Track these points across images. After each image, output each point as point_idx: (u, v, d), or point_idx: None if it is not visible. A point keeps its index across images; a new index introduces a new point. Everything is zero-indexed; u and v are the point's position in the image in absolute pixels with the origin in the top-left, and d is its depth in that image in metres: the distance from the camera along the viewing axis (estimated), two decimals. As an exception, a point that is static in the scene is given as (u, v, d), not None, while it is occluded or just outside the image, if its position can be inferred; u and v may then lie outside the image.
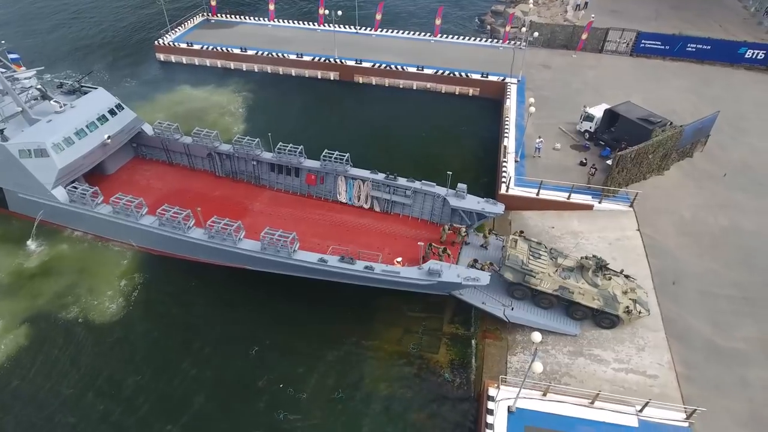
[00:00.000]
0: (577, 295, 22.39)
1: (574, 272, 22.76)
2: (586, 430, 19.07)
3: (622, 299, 22.14)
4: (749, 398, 20.12)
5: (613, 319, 22.51)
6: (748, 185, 30.73)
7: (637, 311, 22.18)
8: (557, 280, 22.52)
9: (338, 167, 28.01)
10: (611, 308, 22.12)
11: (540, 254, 23.19)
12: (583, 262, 22.68)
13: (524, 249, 23.38)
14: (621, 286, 22.54)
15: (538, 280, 22.63)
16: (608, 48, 45.18)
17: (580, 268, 22.81)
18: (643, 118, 31.36)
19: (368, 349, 23.95)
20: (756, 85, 41.33)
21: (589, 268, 22.49)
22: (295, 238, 23.14)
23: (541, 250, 23.51)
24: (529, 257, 22.99)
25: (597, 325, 22.93)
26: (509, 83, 40.55)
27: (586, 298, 22.33)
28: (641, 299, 22.71)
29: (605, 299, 22.14)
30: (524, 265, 22.74)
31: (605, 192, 29.03)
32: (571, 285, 22.40)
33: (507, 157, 32.47)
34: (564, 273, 22.65)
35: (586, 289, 22.31)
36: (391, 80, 43.54)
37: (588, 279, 22.50)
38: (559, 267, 22.82)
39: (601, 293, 22.18)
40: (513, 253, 23.15)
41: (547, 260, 23.07)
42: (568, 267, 22.86)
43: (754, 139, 34.85)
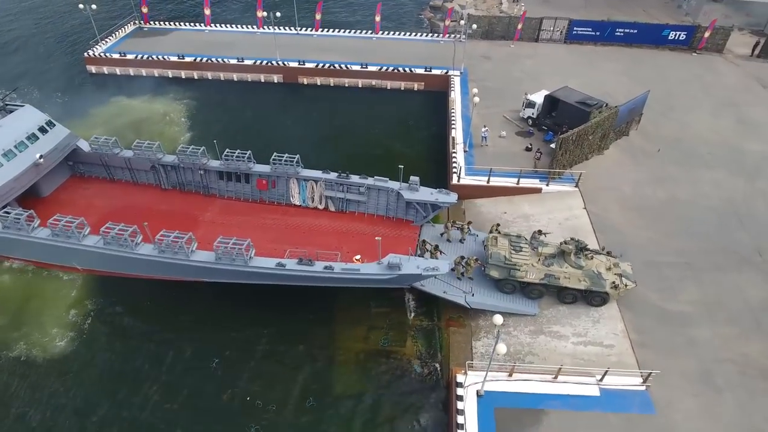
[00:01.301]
0: (563, 280, 22.93)
1: (556, 258, 23.22)
2: (553, 404, 19.72)
3: (608, 276, 22.86)
4: (697, 356, 21.40)
5: (603, 296, 23.16)
6: (680, 158, 32.66)
7: (623, 285, 22.95)
8: (542, 269, 23.00)
9: (289, 170, 27.63)
10: (598, 286, 22.75)
11: (521, 247, 23.57)
12: (564, 247, 23.17)
13: (505, 245, 23.76)
14: (604, 263, 23.23)
15: (524, 272, 23.04)
16: (543, 37, 46.83)
17: (562, 254, 23.28)
18: (581, 102, 32.69)
19: (335, 350, 23.77)
20: (680, 64, 43.98)
21: (570, 252, 23.00)
22: (250, 245, 22.63)
23: (521, 242, 23.87)
24: (510, 252, 23.36)
25: (588, 304, 23.48)
26: (452, 76, 41.31)
27: (573, 281, 22.88)
28: (626, 272, 23.50)
29: (591, 279, 22.77)
30: (507, 261, 23.12)
31: (551, 174, 30.09)
32: (555, 271, 22.92)
33: (456, 147, 33.06)
34: (547, 261, 23.13)
35: (571, 273, 22.88)
36: (336, 79, 43.38)
37: (571, 262, 23.03)
38: (541, 256, 23.30)
39: (586, 274, 22.79)
40: (495, 250, 23.52)
41: (529, 251, 23.47)
42: (550, 254, 23.32)
43: (682, 114, 37.09)
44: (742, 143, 34.30)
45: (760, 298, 23.77)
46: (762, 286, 24.39)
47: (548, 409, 19.56)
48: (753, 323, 22.71)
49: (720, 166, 32.12)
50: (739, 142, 34.44)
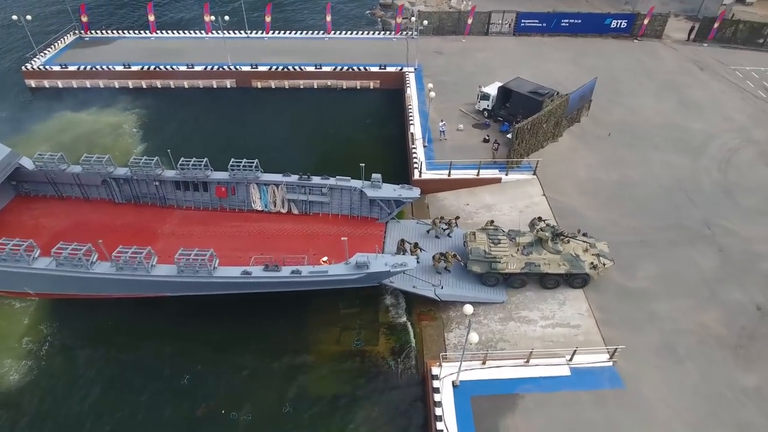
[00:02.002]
0: (543, 267, 23.31)
1: (534, 246, 23.58)
2: (526, 388, 20.12)
3: (585, 257, 23.42)
4: (659, 329, 22.31)
5: (584, 278, 23.70)
6: (629, 141, 33.99)
7: (602, 264, 23.54)
8: (522, 259, 23.32)
9: (248, 175, 27.10)
10: (578, 268, 23.27)
11: (499, 239, 23.83)
12: (540, 235, 23.55)
13: (483, 239, 23.99)
14: (581, 245, 23.79)
15: (504, 264, 23.29)
16: (493, 30, 47.76)
17: (539, 241, 23.64)
18: (533, 91, 33.49)
19: (308, 354, 23.48)
20: (623, 51, 45.79)
21: (547, 238, 23.40)
22: (213, 254, 22.06)
23: (499, 235, 24.14)
24: (489, 245, 23.60)
25: (571, 286, 24.02)
26: (407, 72, 41.54)
27: (553, 267, 23.31)
28: (603, 251, 24.08)
29: (570, 262, 23.27)
30: (487, 254, 23.34)
31: (510, 164, 30.71)
32: (535, 259, 23.28)
33: (415, 143, 33.28)
34: (526, 250, 23.45)
35: (550, 259, 23.28)
36: (291, 81, 42.86)
37: (549, 248, 23.42)
38: (519, 246, 23.61)
39: (565, 258, 23.27)
40: (474, 246, 23.71)
41: (507, 243, 23.76)
42: (528, 243, 23.66)
43: (628, 99, 38.61)
44: (685, 123, 36.03)
45: (712, 269, 25.01)
46: (713, 257, 25.67)
47: (522, 393, 19.95)
48: (708, 293, 23.86)
49: (666, 146, 33.62)
50: (682, 122, 36.16)
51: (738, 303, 23.42)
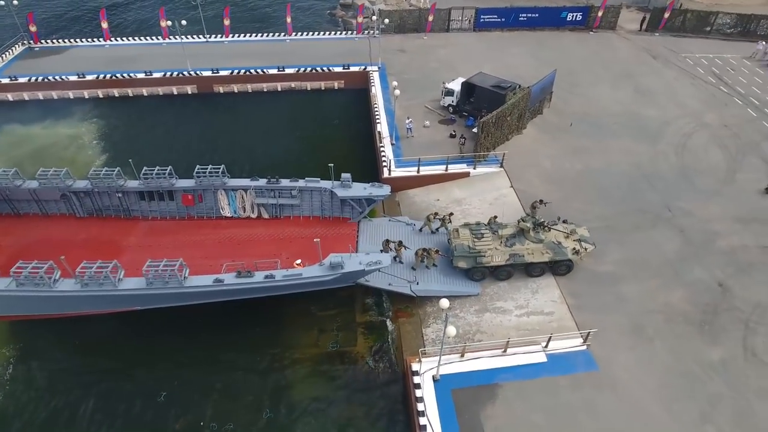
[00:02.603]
0: (527, 257, 23.71)
1: (517, 237, 23.94)
2: (505, 377, 20.44)
3: (567, 243, 23.92)
4: (628, 311, 23.00)
5: (567, 264, 24.20)
6: (590, 130, 34.94)
7: (584, 249, 24.07)
8: (506, 251, 23.65)
9: (215, 181, 26.57)
10: (561, 255, 23.75)
11: (482, 234, 24.09)
12: (522, 225, 23.94)
13: (467, 234, 24.20)
14: (562, 232, 24.28)
15: (489, 257, 23.55)
16: (453, 26, 48.31)
17: (521, 232, 24.03)
18: (495, 85, 34.03)
19: (286, 359, 23.22)
20: (579, 43, 47.07)
21: (528, 228, 23.81)
22: (183, 264, 21.51)
23: (482, 229, 24.40)
24: (473, 240, 23.81)
25: (555, 273, 24.46)
26: (371, 71, 41.57)
27: (536, 256, 23.73)
28: (584, 236, 24.59)
29: (553, 250, 23.73)
30: (472, 249, 23.53)
31: (477, 158, 31.13)
32: (519, 250, 23.65)
33: (383, 141, 33.34)
34: (509, 242, 23.79)
35: (533, 248, 23.69)
36: (254, 85, 42.25)
37: (531, 238, 23.83)
38: (502, 238, 23.92)
39: (547, 246, 23.71)
40: (458, 242, 23.90)
41: (491, 236, 24.05)
42: (510, 235, 24.02)
43: (587, 89, 39.71)
44: (642, 111, 37.31)
45: (674, 250, 25.96)
46: (674, 238, 26.65)
47: (501, 382, 20.25)
48: (672, 274, 24.76)
49: (625, 134, 34.72)
50: (638, 110, 37.43)
51: (701, 281, 24.39)
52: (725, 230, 27.17)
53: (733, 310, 23.03)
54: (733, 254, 25.81)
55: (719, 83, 41.45)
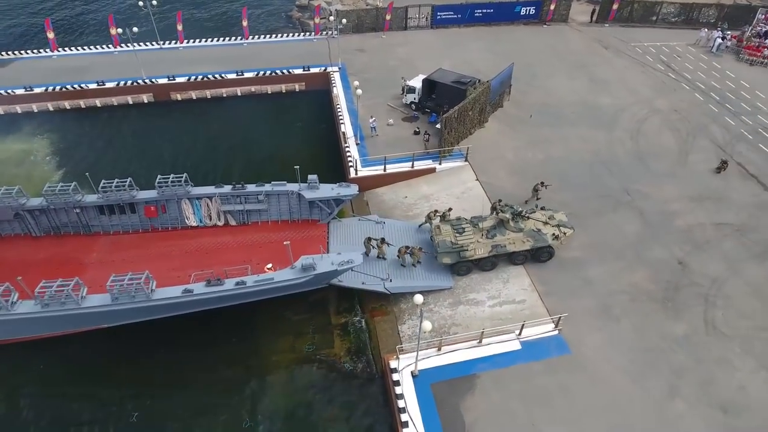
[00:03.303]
0: (510, 246, 24.07)
1: (497, 228, 24.31)
2: (482, 367, 20.76)
3: (547, 230, 24.38)
4: (595, 294, 23.73)
5: (549, 251, 24.65)
6: (549, 120, 35.83)
7: (563, 233, 24.56)
8: (488, 243, 23.95)
9: (178, 190, 25.94)
10: (542, 242, 24.18)
11: (463, 228, 24.30)
12: (501, 216, 24.36)
13: (448, 230, 24.37)
14: (541, 219, 24.74)
15: (472, 251, 23.77)
16: (411, 24, 48.60)
17: (501, 222, 24.43)
18: (456, 81, 34.45)
19: (263, 367, 22.89)
20: (534, 36, 48.16)
21: (508, 219, 24.22)
22: (149, 277, 20.93)
23: (462, 224, 24.64)
24: (455, 235, 23.98)
25: (537, 260, 24.90)
26: (331, 72, 41.39)
27: (518, 244, 24.11)
28: (562, 221, 25.08)
29: (533, 237, 24.15)
30: (455, 244, 23.68)
31: (442, 153, 31.47)
32: (500, 240, 24.01)
33: (348, 141, 33.28)
34: (490, 233, 24.12)
35: (514, 238, 24.06)
36: (213, 91, 41.40)
37: (511, 228, 24.21)
38: (483, 231, 24.21)
39: (527, 234, 24.13)
40: (440, 239, 24.04)
41: (471, 230, 24.28)
42: (491, 227, 24.38)
43: (544, 81, 40.67)
44: (597, 99, 38.52)
45: (635, 232, 26.92)
46: (634, 221, 27.64)
47: (479, 373, 20.55)
48: (634, 255, 25.67)
49: (582, 122, 35.77)
50: (593, 99, 38.62)
51: (661, 260, 25.39)
52: (681, 210, 28.38)
53: (692, 286, 24.09)
54: (689, 232, 26.98)
55: (667, 70, 43.21)
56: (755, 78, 42.30)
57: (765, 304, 23.23)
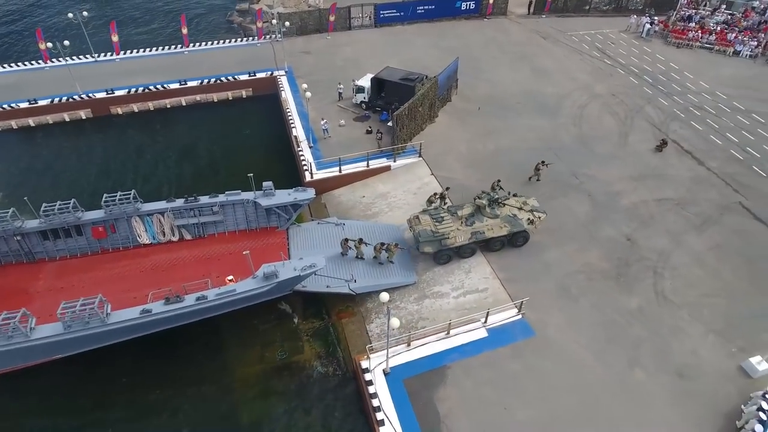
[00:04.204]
0: (488, 232, 24.58)
1: (475, 215, 24.73)
2: (452, 358, 21.11)
3: (522, 215, 25.05)
4: (553, 276, 24.59)
5: (524, 235, 25.40)
6: (497, 111, 36.76)
7: (537, 217, 25.28)
8: (467, 230, 24.37)
9: (127, 208, 24.92)
10: (518, 227, 24.83)
11: (442, 217, 24.65)
12: (478, 203, 24.82)
13: (427, 220, 24.64)
14: (515, 205, 25.36)
15: (453, 238, 24.17)
16: (355, 24, 48.60)
17: (478, 209, 24.86)
18: (404, 78, 34.77)
19: (233, 381, 22.37)
20: (475, 30, 49.23)
21: (485, 205, 24.69)
22: (103, 300, 20.03)
23: (441, 212, 25.01)
24: (434, 224, 24.28)
25: (513, 245, 25.54)
26: (278, 76, 40.84)
27: (496, 230, 24.67)
28: (535, 206, 25.80)
29: (510, 222, 24.73)
30: (436, 233, 23.94)
31: (395, 150, 31.72)
32: (479, 227, 24.47)
33: (300, 145, 32.96)
34: (469, 221, 24.52)
35: (492, 224, 24.59)
36: (156, 102, 39.94)
37: (488, 214, 24.72)
38: (462, 218, 24.58)
39: (504, 220, 24.71)
40: (421, 228, 24.25)
41: (450, 218, 24.64)
42: (469, 214, 24.78)
43: (489, 73, 41.67)
44: (540, 88, 39.83)
45: (586, 213, 28.05)
46: (584, 202, 28.80)
47: (449, 364, 20.89)
48: (587, 236, 26.76)
49: (528, 112, 36.91)
50: (537, 88, 39.91)
51: (611, 238, 26.59)
52: (625, 189, 29.81)
53: (642, 261, 25.37)
54: (635, 210, 28.39)
55: (603, 56, 45.21)
56: (683, 59, 44.95)
57: (707, 272, 24.79)
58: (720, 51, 46.40)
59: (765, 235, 26.96)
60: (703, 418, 19.08)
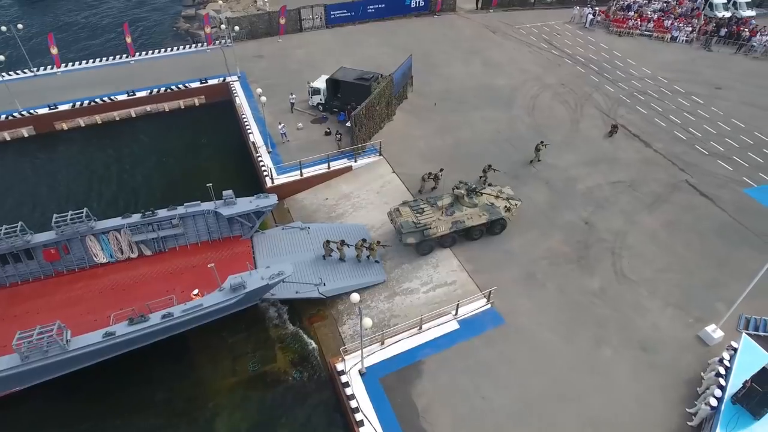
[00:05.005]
0: (468, 221, 24.96)
1: (455, 205, 25.07)
2: (426, 352, 21.29)
3: (499, 203, 25.64)
4: (518, 263, 25.19)
5: (502, 223, 25.93)
6: (453, 106, 37.30)
7: (514, 205, 25.94)
8: (448, 220, 24.68)
9: (80, 227, 23.86)
10: (496, 215, 25.37)
11: (423, 208, 24.95)
12: (456, 193, 25.17)
13: (408, 211, 24.87)
14: (492, 194, 25.93)
15: (434, 228, 24.43)
16: (306, 26, 48.21)
17: (457, 199, 25.19)
18: (359, 78, 34.75)
19: (207, 397, 21.74)
20: (427, 27, 49.81)
21: (463, 195, 25.07)
22: (61, 326, 19.14)
23: (420, 204, 25.31)
24: (416, 216, 24.49)
25: (492, 233, 26.10)
26: (231, 82, 40.04)
27: (475, 219, 25.10)
28: (510, 194, 26.54)
29: (488, 211, 25.21)
30: (418, 224, 24.15)
31: (356, 150, 31.69)
32: (459, 216, 24.84)
33: (259, 151, 32.46)
34: (448, 211, 24.81)
35: (471, 213, 25.01)
36: (103, 115, 38.34)
37: (467, 204, 25.11)
38: (442, 209, 24.83)
39: (482, 208, 25.20)
40: (402, 220, 24.47)
41: (430, 209, 24.91)
42: (448, 204, 25.10)
43: (442, 69, 42.23)
44: (493, 81, 40.67)
45: (544, 200, 28.86)
46: (541, 189, 29.62)
47: (424, 358, 21.06)
48: (546, 222, 27.54)
49: (483, 104, 37.63)
50: (490, 81, 40.73)
51: (570, 223, 27.47)
52: (581, 174, 30.86)
53: (600, 242, 26.34)
54: (590, 194, 29.43)
55: (551, 47, 46.59)
56: (624, 47, 46.89)
57: (661, 249, 25.99)
58: (658, 38, 48.68)
59: (711, 209, 28.51)
60: (667, 388, 20.01)
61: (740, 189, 30.01)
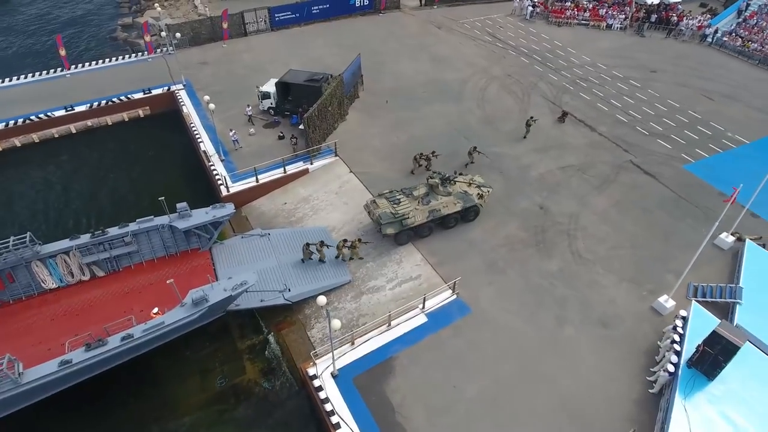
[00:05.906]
0: (444, 210, 25.45)
1: (430, 195, 25.50)
2: (396, 348, 21.42)
3: (472, 191, 26.25)
4: (479, 252, 25.72)
5: (475, 210, 26.68)
6: (404, 103, 37.59)
7: (486, 192, 26.63)
8: (424, 209, 25.06)
9: (24, 253, 22.55)
10: (469, 202, 26.00)
11: (399, 199, 25.23)
12: (431, 182, 25.63)
13: (385, 203, 25.09)
14: (465, 182, 26.50)
15: (412, 218, 24.76)
16: (251, 29, 47.29)
17: (431, 188, 25.62)
18: (309, 80, 34.44)
19: (175, 417, 21.09)
20: (373, 25, 49.93)
21: (437, 184, 25.54)
22: (11, 359, 18.06)
23: (396, 195, 25.58)
24: (393, 206, 24.71)
25: (466, 221, 26.76)
26: (176, 90, 38.77)
27: (450, 207, 25.62)
28: (481, 182, 27.25)
29: (462, 199, 25.83)
30: (396, 214, 24.35)
31: (311, 153, 31.42)
32: (435, 205, 25.31)
33: (212, 159, 31.64)
34: (424, 200, 25.19)
35: (446, 201, 25.50)
36: (41, 133, 36.29)
37: (441, 192, 25.63)
38: (418, 198, 25.15)
39: (457, 196, 25.79)
40: (380, 211, 24.69)
41: (407, 199, 25.21)
42: (424, 194, 25.47)
43: (391, 66, 42.48)
44: (442, 76, 41.26)
45: (500, 189, 29.48)
46: (498, 179, 30.30)
47: (395, 354, 21.17)
48: (504, 210, 28.21)
49: (434, 99, 38.12)
50: (439, 75, 41.31)
51: (526, 209, 28.28)
52: (532, 162, 31.80)
53: (555, 225, 27.26)
54: (543, 180, 30.39)
55: (495, 40, 47.69)
56: (564, 37, 48.61)
57: (613, 227, 27.16)
58: (595, 26, 50.76)
59: (655, 186, 30.05)
60: (628, 359, 20.97)
61: (680, 165, 31.78)
